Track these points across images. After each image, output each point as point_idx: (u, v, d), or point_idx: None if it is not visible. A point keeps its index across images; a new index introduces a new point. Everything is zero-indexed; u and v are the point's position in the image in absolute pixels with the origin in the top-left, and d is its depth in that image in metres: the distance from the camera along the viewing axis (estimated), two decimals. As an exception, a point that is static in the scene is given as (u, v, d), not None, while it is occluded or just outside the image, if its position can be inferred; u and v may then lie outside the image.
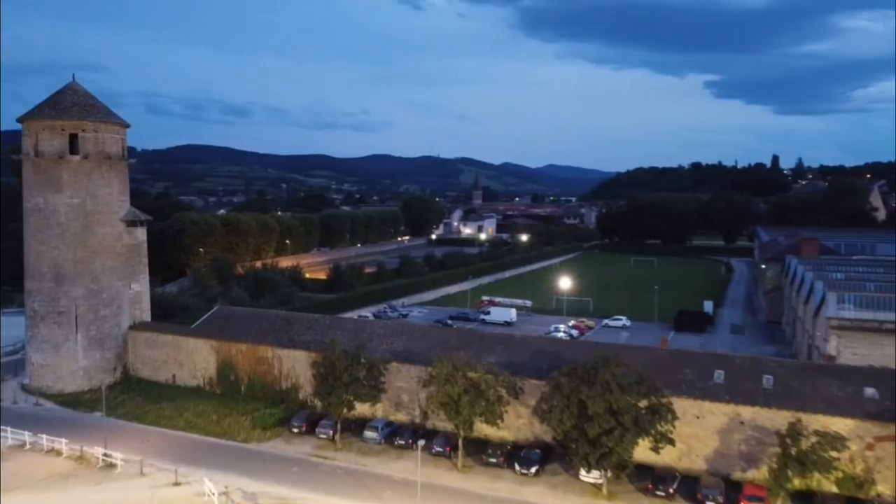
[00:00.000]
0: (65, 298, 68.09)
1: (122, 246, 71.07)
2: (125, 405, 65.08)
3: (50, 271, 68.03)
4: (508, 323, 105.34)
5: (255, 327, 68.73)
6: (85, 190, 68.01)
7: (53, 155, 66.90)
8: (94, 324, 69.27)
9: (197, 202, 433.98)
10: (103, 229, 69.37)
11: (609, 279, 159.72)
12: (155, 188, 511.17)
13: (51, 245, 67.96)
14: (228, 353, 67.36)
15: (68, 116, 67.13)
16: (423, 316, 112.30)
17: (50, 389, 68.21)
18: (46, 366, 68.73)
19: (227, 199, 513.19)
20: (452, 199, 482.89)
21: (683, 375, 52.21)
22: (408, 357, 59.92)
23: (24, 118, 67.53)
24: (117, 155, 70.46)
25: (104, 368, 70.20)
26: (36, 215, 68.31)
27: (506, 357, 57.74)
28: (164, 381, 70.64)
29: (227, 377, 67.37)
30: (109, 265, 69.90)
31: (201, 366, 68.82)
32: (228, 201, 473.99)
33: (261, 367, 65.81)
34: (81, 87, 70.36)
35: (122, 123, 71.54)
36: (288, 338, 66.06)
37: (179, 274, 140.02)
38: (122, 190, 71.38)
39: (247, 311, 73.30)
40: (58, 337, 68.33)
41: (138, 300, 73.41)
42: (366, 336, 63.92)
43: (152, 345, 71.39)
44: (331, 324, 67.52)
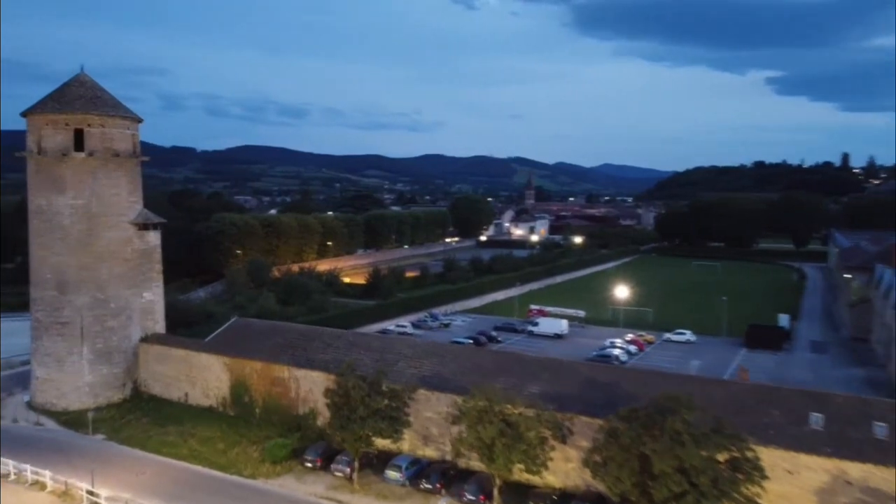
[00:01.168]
0: (69, 308, 62.50)
1: (131, 251, 65.14)
2: (130, 427, 58.95)
3: (53, 278, 62.55)
4: (559, 336, 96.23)
5: (272, 343, 61.78)
6: (90, 190, 62.24)
7: (56, 152, 61.34)
8: (100, 336, 63.50)
9: (251, 202, 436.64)
10: (110, 233, 63.52)
11: (669, 286, 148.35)
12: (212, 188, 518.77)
13: (53, 250, 62.46)
14: (242, 371, 60.58)
15: (72, 110, 61.44)
16: (466, 326, 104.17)
17: (54, 407, 62.72)
18: (50, 381, 63.30)
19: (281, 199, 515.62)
20: (504, 199, 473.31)
21: (771, 418, 42.59)
22: (438, 383, 51.86)
23: (27, 112, 62.21)
24: (127, 152, 64.53)
25: (112, 385, 64.39)
26: (38, 218, 62.93)
27: (551, 386, 49.07)
28: (177, 399, 64.41)
29: (241, 398, 60.60)
30: (117, 272, 64.03)
31: (214, 384, 62.27)
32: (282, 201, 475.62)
33: (276, 388, 58.77)
34: (90, 78, 64.72)
35: (132, 117, 65.60)
36: (306, 356, 58.84)
37: (219, 277, 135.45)
38: (132, 190, 65.45)
39: (264, 325, 66.46)
40: (62, 350, 62.79)
41: (150, 310, 67.43)
42: (392, 357, 56.16)
43: (163, 360, 65.26)
44: (353, 341, 59.98)
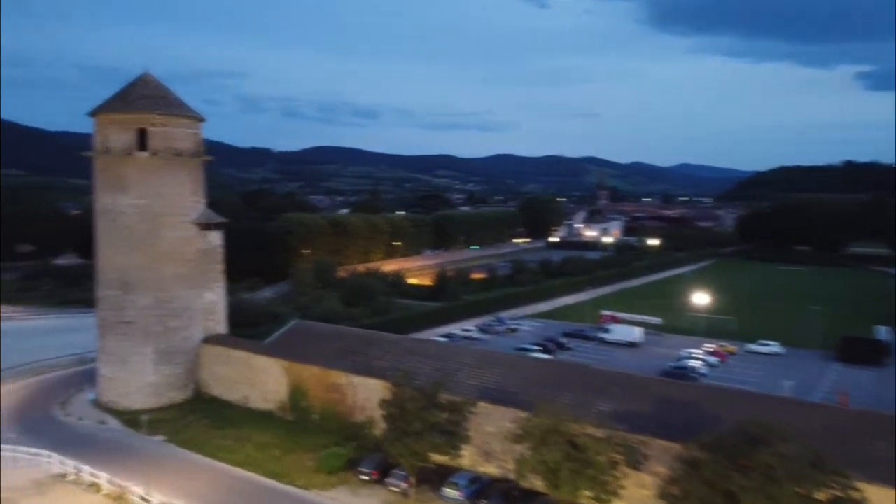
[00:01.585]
0: (132, 308, 62.47)
1: (193, 251, 64.67)
2: (189, 429, 58.26)
3: (117, 278, 62.66)
4: (632, 344, 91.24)
5: (331, 348, 59.97)
6: (153, 190, 62.02)
7: (121, 152, 61.36)
8: (162, 336, 63.25)
9: (324, 201, 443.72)
10: (172, 233, 63.16)
11: (752, 292, 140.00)
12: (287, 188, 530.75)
13: (118, 250, 62.57)
14: (300, 376, 59.02)
15: (135, 109, 61.35)
16: (534, 331, 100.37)
17: (117, 405, 62.84)
18: (114, 380, 63.49)
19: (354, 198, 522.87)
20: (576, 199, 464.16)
21: (876, 450, 37.45)
22: (501, 396, 48.66)
23: (94, 112, 62.52)
24: (189, 151, 64.06)
25: (174, 385, 64.08)
26: (104, 217, 63.21)
27: (623, 404, 45.10)
28: (237, 401, 63.49)
29: (299, 403, 59.05)
30: (179, 272, 63.65)
31: (273, 388, 60.97)
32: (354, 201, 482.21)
33: (333, 394, 56.87)
34: (154, 78, 64.58)
35: (195, 117, 65.14)
36: (365, 362, 56.69)
37: (288, 276, 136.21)
38: (194, 189, 64.98)
39: (323, 328, 64.81)
40: (125, 349, 62.85)
41: (212, 311, 66.86)
42: (452, 366, 53.29)
43: (224, 361, 64.51)
44: (412, 348, 57.45)
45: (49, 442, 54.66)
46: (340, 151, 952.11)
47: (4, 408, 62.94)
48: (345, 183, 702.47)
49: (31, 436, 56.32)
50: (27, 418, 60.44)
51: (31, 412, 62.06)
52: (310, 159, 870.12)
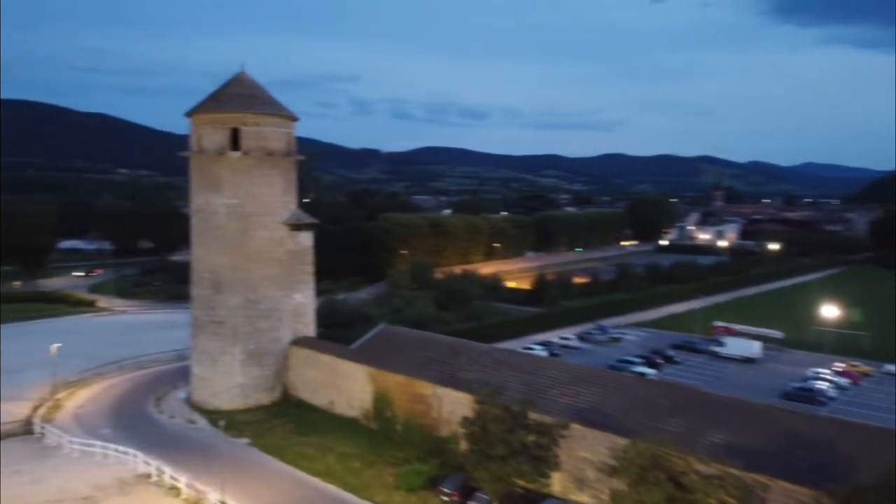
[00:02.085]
0: (222, 308, 62.30)
1: (283, 252, 63.78)
2: (273, 433, 57.18)
3: (209, 277, 62.71)
4: (749, 360, 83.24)
5: (418, 355, 57.18)
6: (244, 189, 61.56)
7: (214, 151, 61.28)
8: (251, 337, 62.73)
9: (429, 201, 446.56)
10: (263, 233, 62.50)
11: (888, 304, 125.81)
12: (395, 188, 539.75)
13: (210, 249, 62.60)
14: (385, 384, 56.61)
15: (229, 109, 61.05)
16: (639, 341, 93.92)
17: (207, 405, 62.87)
18: (205, 379, 63.62)
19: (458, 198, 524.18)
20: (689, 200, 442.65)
21: None
22: (597, 418, 44.02)
23: (189, 112, 62.82)
24: (281, 151, 63.20)
25: (262, 387, 63.43)
26: (198, 217, 63.45)
27: (739, 436, 39.38)
28: (322, 406, 62.01)
29: (383, 412, 56.63)
30: (269, 273, 62.92)
31: (357, 395, 58.94)
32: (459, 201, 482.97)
33: (418, 405, 54.02)
34: (249, 77, 64.18)
35: (287, 116, 64.22)
36: (451, 373, 53.47)
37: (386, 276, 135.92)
38: (285, 190, 64.09)
39: (410, 334, 62.16)
40: (215, 349, 62.80)
41: (301, 312, 65.82)
42: (543, 381, 49.09)
43: (311, 364, 63.23)
44: (502, 359, 53.60)
45: (139, 439, 55.20)
46: (448, 152, 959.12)
47: (104, 402, 64.61)
48: (451, 183, 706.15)
49: (124, 432, 57.13)
50: (123, 414, 61.55)
51: (128, 407, 63.21)
52: (417, 160, 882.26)
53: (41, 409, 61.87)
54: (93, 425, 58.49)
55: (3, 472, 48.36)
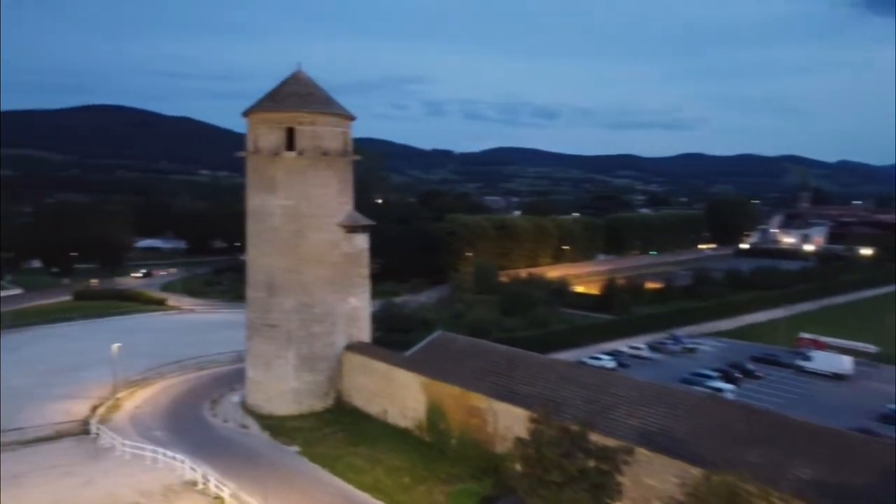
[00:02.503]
0: (276, 311, 61.04)
1: (338, 255, 62.00)
2: (324, 442, 55.39)
3: (263, 280, 61.61)
4: (839, 376, 76.39)
5: (474, 365, 54.20)
6: (299, 190, 60.09)
7: (269, 152, 60.07)
8: (305, 342, 61.23)
9: (500, 202, 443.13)
10: (317, 235, 60.89)
11: None
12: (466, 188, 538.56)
13: (265, 251, 61.49)
14: (438, 394, 53.90)
15: (284, 108, 59.67)
16: (715, 353, 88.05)
17: (261, 409, 61.78)
18: (259, 383, 62.57)
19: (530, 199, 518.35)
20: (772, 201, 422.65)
21: None
22: (666, 443, 39.94)
23: (246, 112, 61.88)
24: (337, 150, 61.45)
25: (315, 393, 61.85)
26: (253, 218, 62.47)
27: (831, 471, 34.61)
28: (376, 415, 59.89)
29: (437, 425, 53.93)
30: (323, 276, 61.27)
31: (411, 405, 56.48)
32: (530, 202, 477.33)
33: (473, 419, 51.06)
34: (306, 76, 62.71)
35: (343, 115, 62.44)
36: (508, 386, 50.27)
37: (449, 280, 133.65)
38: (341, 190, 62.32)
39: (467, 343, 59.18)
40: (269, 353, 61.63)
41: (356, 317, 63.90)
42: (608, 399, 45.24)
43: (365, 371, 61.20)
44: (564, 374, 49.90)
45: (191, 443, 54.48)
46: (520, 152, 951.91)
47: (160, 403, 64.50)
48: (523, 184, 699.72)
49: (177, 435, 56.58)
50: (178, 416, 61.15)
51: (183, 409, 62.84)
52: (489, 160, 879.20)
53: (100, 409, 62.24)
54: (147, 427, 58.25)
55: (55, 473, 48.33)
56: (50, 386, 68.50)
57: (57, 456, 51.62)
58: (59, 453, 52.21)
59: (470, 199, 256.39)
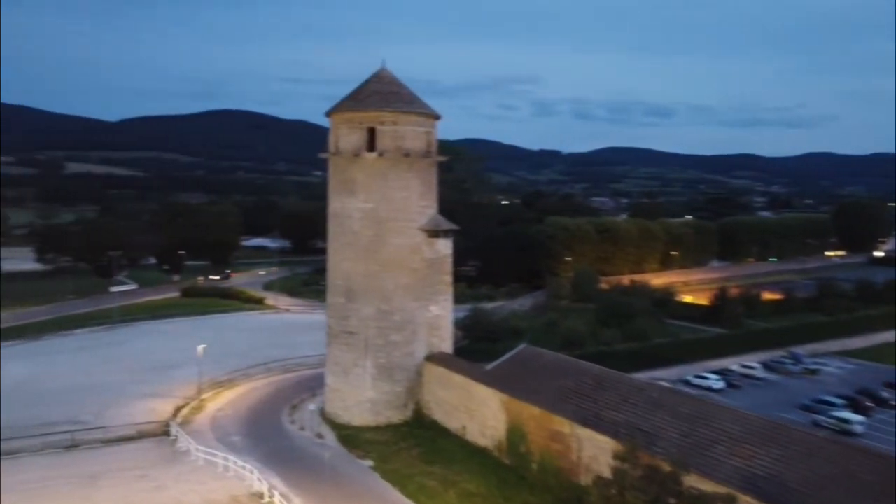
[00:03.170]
0: (355, 318, 59.03)
1: (419, 260, 59.22)
2: (399, 457, 52.66)
3: (343, 285, 59.76)
4: None
5: (558, 384, 49.74)
6: (379, 193, 57.76)
7: (349, 152, 58.13)
8: (383, 350, 58.84)
9: (608, 204, 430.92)
10: (397, 240, 58.34)
11: None
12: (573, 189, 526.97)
13: (344, 255, 59.63)
14: (519, 414, 49.87)
15: (365, 107, 57.56)
16: (842, 375, 78.61)
17: (338, 419, 59.98)
18: (337, 391, 60.82)
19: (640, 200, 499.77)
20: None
21: None
22: (775, 490, 34.12)
23: (328, 112, 60.27)
24: (419, 151, 58.66)
25: (393, 404, 59.35)
26: (334, 221, 60.85)
27: None
28: (455, 430, 56.59)
29: (517, 447, 49.92)
30: (403, 282, 58.65)
31: (490, 423, 52.75)
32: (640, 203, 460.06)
33: (555, 444, 46.68)
34: (390, 74, 60.38)
35: (427, 114, 59.60)
36: (595, 410, 45.52)
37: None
38: (423, 193, 59.48)
39: (553, 359, 54.65)
40: (347, 361, 59.72)
41: (437, 326, 60.87)
42: (707, 434, 39.62)
43: (445, 384, 58.05)
44: (659, 400, 44.46)
45: (265, 450, 53.45)
46: (631, 152, 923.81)
47: (242, 407, 64.16)
48: (633, 185, 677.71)
49: (253, 441, 55.72)
50: (256, 421, 60.42)
51: (262, 414, 62.12)
52: (598, 160, 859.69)
53: (184, 410, 62.55)
54: (226, 431, 57.74)
55: (130, 476, 48.25)
56: (141, 383, 69.88)
57: (135, 457, 51.79)
58: (138, 455, 52.39)
59: (575, 201, 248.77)
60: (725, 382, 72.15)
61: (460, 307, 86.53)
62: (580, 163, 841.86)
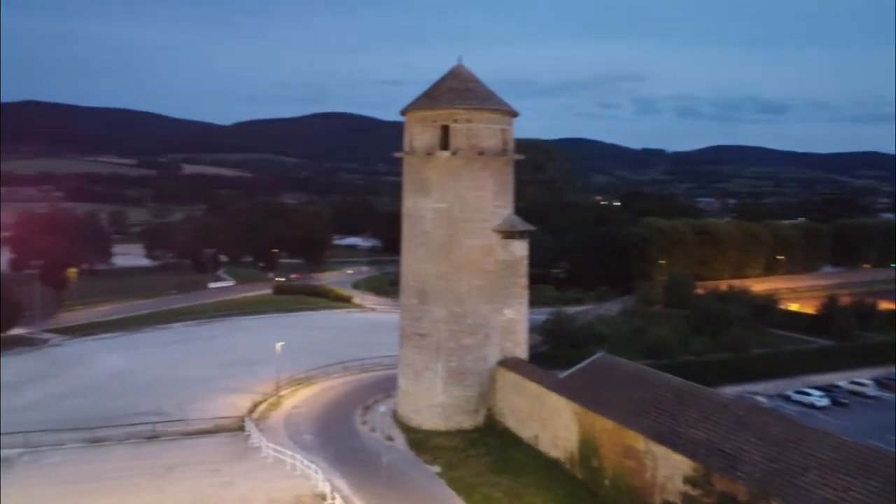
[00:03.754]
0: (427, 320, 57.98)
1: (493, 262, 57.43)
2: (467, 465, 51.13)
3: (415, 286, 58.89)
4: None
5: (635, 396, 46.58)
6: (452, 192, 56.40)
7: (423, 151, 57.14)
8: (454, 354, 57.46)
9: (713, 204, 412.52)
10: (471, 241, 56.78)
11: None
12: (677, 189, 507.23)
13: (417, 256, 58.73)
14: (592, 427, 47.16)
15: (439, 105, 56.39)
16: (969, 397, 70.15)
17: (409, 421, 59.16)
18: (409, 394, 60.04)
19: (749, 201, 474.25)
20: None
21: None
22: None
23: (404, 110, 59.51)
24: (494, 149, 56.87)
25: (463, 409, 57.85)
26: (408, 221, 60.03)
27: None
28: (527, 439, 54.44)
29: (589, 461, 47.24)
30: (476, 285, 57.04)
31: (562, 434, 50.26)
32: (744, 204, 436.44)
33: (628, 461, 43.73)
34: (466, 70, 58.92)
35: (504, 111, 57.74)
36: (672, 427, 42.20)
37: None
38: (498, 193, 57.63)
39: (632, 369, 51.33)
40: (419, 363, 58.80)
41: (511, 330, 58.84)
42: (798, 459, 35.65)
43: (518, 390, 55.98)
44: (745, 419, 40.56)
45: (334, 451, 53.42)
46: (740, 150, 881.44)
47: (316, 405, 64.56)
48: (742, 185, 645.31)
49: (324, 440, 55.84)
50: (329, 420, 60.56)
51: (336, 413, 62.23)
52: (705, 160, 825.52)
53: (262, 406, 63.59)
54: (298, 429, 58.13)
55: (202, 470, 49.25)
56: (225, 378, 71.79)
57: (209, 451, 52.94)
58: (213, 449, 53.54)
59: (676, 201, 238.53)
60: (830, 399, 66.07)
61: (546, 310, 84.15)
62: (685, 162, 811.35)
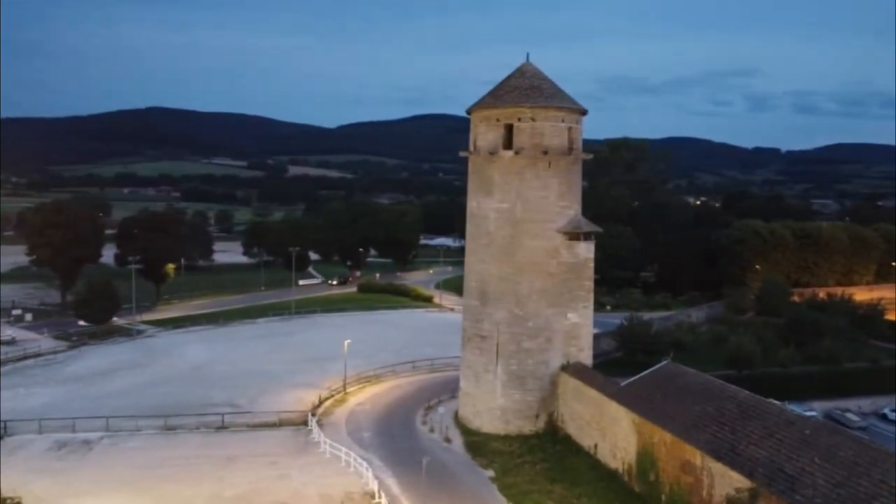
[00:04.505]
0: (488, 321, 57.22)
1: (556, 264, 55.90)
2: (521, 471, 50.03)
3: (477, 287, 58.28)
4: None
5: (697, 409, 43.99)
6: (515, 192, 55.36)
7: (487, 150, 56.42)
8: (514, 357, 56.37)
9: (830, 206, 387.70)
10: (534, 242, 55.53)
11: None
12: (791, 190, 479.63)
13: (480, 257, 58.09)
14: (650, 438, 44.97)
15: (504, 103, 55.46)
16: None
17: (469, 424, 58.59)
18: (469, 395, 59.45)
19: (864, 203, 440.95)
20: None
21: None
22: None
23: (469, 109, 59.02)
24: (560, 149, 55.35)
25: (523, 413, 56.66)
26: (471, 222, 59.58)
27: None
28: (587, 448, 52.66)
29: (647, 473, 45.09)
30: (538, 287, 55.72)
31: (621, 444, 48.24)
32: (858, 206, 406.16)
33: (686, 476, 41.35)
34: (534, 68, 57.66)
35: (570, 108, 56.07)
36: (732, 443, 39.51)
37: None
38: (563, 193, 56.04)
39: (697, 379, 48.41)
40: (479, 365, 58.10)
41: (575, 334, 57.07)
42: (865, 486, 32.47)
43: (579, 397, 54.24)
44: (811, 438, 37.37)
45: (391, 449, 53.70)
46: (864, 149, 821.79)
47: (380, 403, 65.16)
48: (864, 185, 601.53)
49: (382, 438, 56.27)
50: (390, 419, 60.94)
51: (398, 412, 62.57)
52: (824, 159, 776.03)
53: (327, 402, 64.87)
54: (359, 426, 58.90)
55: (261, 462, 50.69)
56: (297, 373, 73.77)
57: (272, 444, 54.45)
58: (275, 442, 55.01)
59: (785, 203, 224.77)
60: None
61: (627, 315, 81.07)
62: (802, 161, 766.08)
